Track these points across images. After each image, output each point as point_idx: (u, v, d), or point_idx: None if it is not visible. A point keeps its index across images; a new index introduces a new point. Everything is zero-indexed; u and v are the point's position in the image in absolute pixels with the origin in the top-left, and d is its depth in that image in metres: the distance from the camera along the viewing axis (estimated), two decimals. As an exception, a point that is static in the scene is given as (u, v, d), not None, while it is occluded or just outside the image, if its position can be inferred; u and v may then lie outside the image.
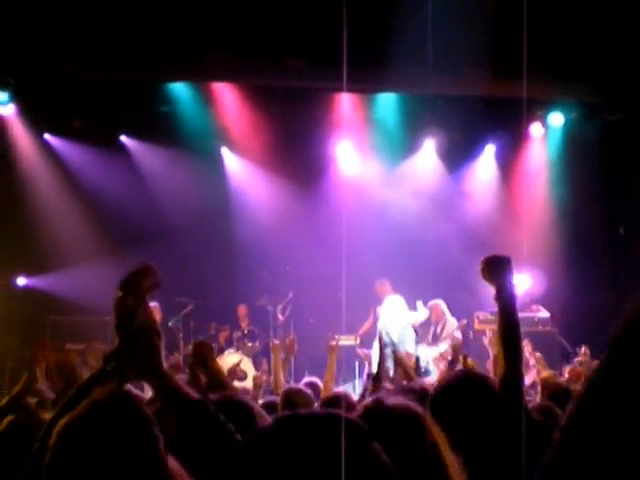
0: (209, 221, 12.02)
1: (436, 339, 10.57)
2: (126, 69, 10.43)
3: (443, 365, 9.09)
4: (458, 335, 10.24)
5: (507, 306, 3.16)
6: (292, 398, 4.72)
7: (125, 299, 2.23)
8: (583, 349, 8.10)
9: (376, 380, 4.98)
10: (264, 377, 6.70)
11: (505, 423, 2.91)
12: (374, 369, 7.92)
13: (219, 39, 10.19)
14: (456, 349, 7.67)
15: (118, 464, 1.76)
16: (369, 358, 8.16)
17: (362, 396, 5.08)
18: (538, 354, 7.41)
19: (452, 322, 10.60)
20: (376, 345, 10.07)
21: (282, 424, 1.33)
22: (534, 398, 5.09)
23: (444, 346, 10.14)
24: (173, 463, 1.99)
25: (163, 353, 2.16)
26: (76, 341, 9.45)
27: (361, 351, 9.78)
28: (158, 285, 2.29)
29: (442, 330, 10.54)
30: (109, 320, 8.22)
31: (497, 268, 3.22)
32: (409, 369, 5.67)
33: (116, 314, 2.22)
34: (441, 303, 10.69)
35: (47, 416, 2.57)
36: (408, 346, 9.83)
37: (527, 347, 7.39)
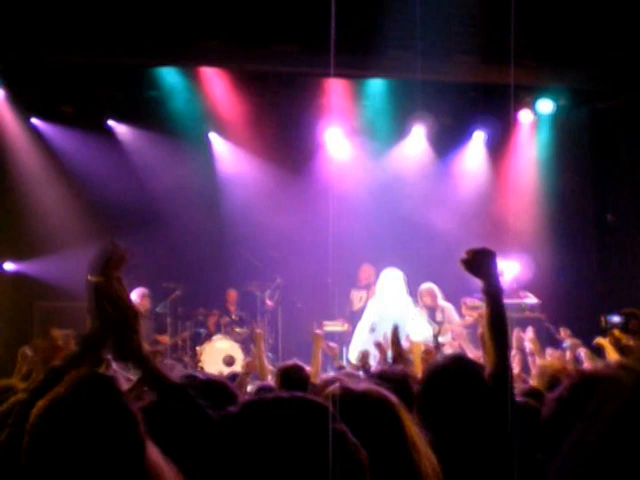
0: (197, 206, 12.00)
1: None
2: (114, 54, 10.35)
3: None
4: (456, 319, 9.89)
5: (495, 299, 3.20)
6: (288, 375, 4.73)
7: (96, 283, 2.24)
8: (562, 331, 7.92)
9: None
10: (256, 363, 6.65)
11: (493, 411, 2.93)
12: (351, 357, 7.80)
13: (208, 24, 10.12)
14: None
15: (98, 444, 1.75)
16: (335, 351, 7.82)
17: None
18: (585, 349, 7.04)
19: (449, 307, 10.11)
20: (360, 327, 9.85)
21: (248, 408, 1.35)
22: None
23: (447, 336, 9.64)
24: (152, 449, 1.99)
25: (145, 335, 2.17)
26: (64, 327, 9.40)
27: (326, 344, 9.13)
28: (124, 261, 2.29)
29: (443, 315, 9.96)
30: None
31: (484, 261, 3.26)
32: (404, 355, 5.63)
33: (89, 298, 2.23)
34: (433, 286, 10.18)
35: None
36: (409, 327, 9.43)
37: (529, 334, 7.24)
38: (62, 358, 2.31)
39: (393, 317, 9.50)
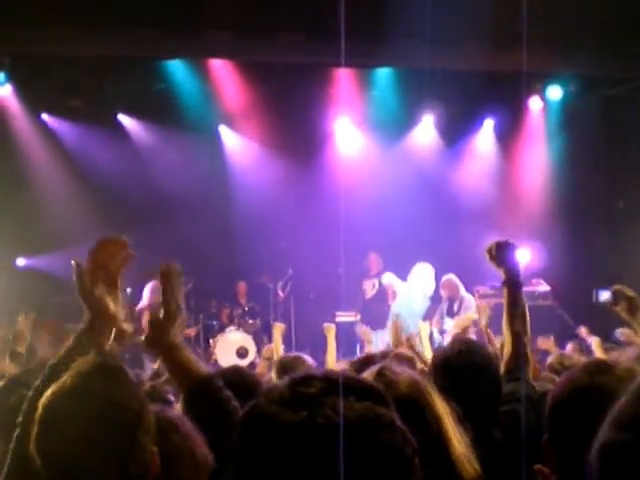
0: (208, 199, 12.00)
1: (452, 316, 9.99)
2: (122, 46, 10.34)
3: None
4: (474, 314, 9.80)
5: (515, 290, 3.27)
6: (288, 365, 4.71)
7: (89, 274, 2.23)
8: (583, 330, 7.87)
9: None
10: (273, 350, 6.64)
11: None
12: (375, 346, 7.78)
13: (216, 15, 10.09)
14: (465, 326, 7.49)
15: (107, 430, 1.75)
16: (368, 336, 7.87)
17: None
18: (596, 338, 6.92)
19: (469, 297, 9.98)
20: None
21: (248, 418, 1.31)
22: None
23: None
24: (186, 423, 1.99)
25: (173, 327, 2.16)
26: (77, 321, 9.43)
27: (360, 328, 9.35)
28: (129, 257, 2.28)
29: (460, 307, 9.89)
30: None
31: (505, 253, 3.33)
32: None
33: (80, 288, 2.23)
34: (454, 278, 10.08)
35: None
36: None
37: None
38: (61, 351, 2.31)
39: (414, 312, 9.55)
